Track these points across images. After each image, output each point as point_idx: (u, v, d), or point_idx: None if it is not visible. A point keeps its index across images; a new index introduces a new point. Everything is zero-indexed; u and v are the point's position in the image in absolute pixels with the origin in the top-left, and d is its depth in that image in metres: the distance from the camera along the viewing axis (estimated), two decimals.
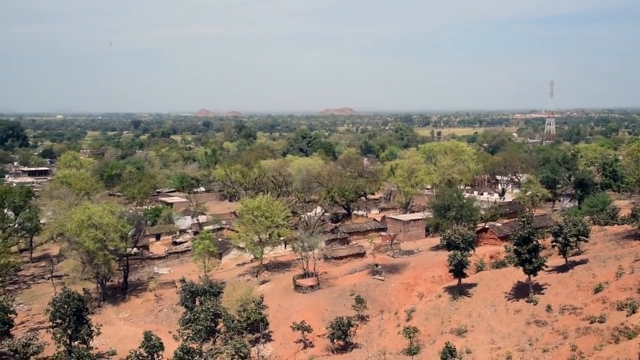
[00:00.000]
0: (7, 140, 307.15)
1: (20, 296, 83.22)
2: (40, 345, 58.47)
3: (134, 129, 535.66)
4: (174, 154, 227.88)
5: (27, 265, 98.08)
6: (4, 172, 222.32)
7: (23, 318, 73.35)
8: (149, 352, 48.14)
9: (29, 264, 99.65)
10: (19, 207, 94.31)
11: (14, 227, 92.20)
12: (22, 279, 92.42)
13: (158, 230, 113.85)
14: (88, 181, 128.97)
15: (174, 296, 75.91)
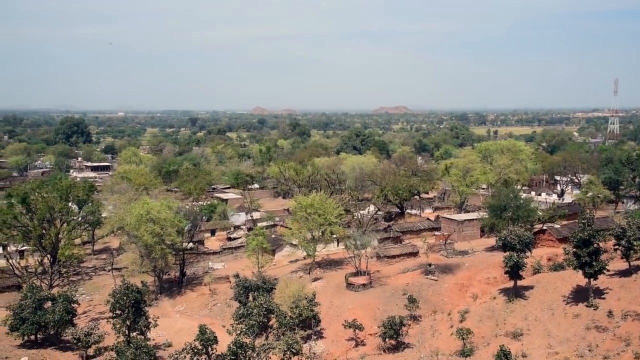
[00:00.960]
0: (72, 137, 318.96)
1: (83, 287, 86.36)
2: (100, 334, 60.53)
3: (191, 126, 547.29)
4: (230, 151, 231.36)
5: (89, 257, 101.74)
6: (68, 167, 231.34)
7: (85, 308, 75.98)
8: (203, 345, 49.04)
9: (91, 256, 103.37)
10: (83, 201, 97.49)
11: (78, 220, 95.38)
12: (85, 270, 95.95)
13: (213, 225, 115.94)
14: (147, 177, 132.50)
15: (228, 291, 77.13)
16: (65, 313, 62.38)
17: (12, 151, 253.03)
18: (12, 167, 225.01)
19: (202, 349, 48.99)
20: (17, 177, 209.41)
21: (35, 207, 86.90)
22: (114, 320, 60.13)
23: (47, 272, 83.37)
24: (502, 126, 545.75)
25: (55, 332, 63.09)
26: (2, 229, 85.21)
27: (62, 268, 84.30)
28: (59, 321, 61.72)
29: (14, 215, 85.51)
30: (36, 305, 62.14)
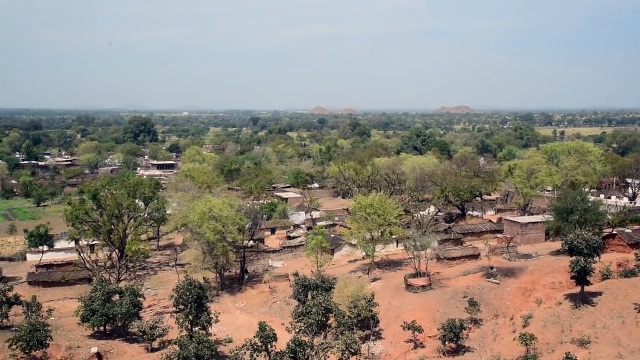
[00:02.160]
0: (139, 136, 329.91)
1: (148, 281, 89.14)
2: (165, 328, 62.34)
3: (252, 126, 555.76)
4: (290, 150, 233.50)
5: (154, 252, 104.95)
6: (136, 165, 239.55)
7: (150, 302, 78.36)
8: (263, 342, 49.65)
9: (156, 252, 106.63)
10: (148, 198, 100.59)
11: (144, 216, 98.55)
12: (150, 265, 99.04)
13: (273, 224, 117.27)
14: (210, 175, 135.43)
15: (287, 289, 77.88)
16: (131, 306, 64.54)
17: (84, 149, 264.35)
18: (84, 165, 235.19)
19: (262, 346, 49.59)
20: (89, 174, 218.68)
21: (104, 203, 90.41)
22: (177, 314, 61.72)
23: (115, 266, 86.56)
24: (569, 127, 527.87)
25: (123, 324, 65.41)
26: (75, 224, 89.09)
27: (129, 262, 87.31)
28: (126, 314, 63.95)
29: (85, 210, 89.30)
30: (105, 298, 64.61)
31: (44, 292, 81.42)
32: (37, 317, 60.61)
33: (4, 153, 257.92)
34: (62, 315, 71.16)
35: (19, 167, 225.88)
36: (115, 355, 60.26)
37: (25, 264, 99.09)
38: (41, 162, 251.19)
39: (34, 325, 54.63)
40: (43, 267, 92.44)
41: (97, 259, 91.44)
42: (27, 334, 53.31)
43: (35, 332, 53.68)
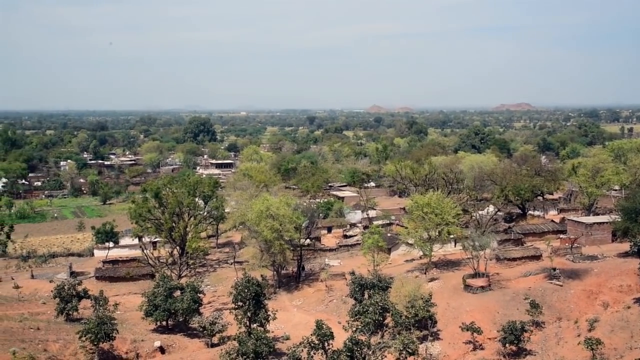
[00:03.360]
0: (198, 135, 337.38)
1: (207, 278, 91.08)
2: (224, 324, 63.62)
3: (309, 125, 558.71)
4: (346, 149, 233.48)
5: (213, 250, 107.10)
6: (195, 164, 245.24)
7: (210, 298, 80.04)
8: (320, 340, 49.97)
9: (215, 249, 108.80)
10: (208, 197, 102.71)
11: (204, 214, 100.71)
12: (209, 262, 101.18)
13: (329, 223, 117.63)
14: (267, 174, 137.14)
15: (343, 288, 78.01)
16: (192, 302, 66.17)
17: (147, 149, 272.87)
18: (146, 164, 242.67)
19: (319, 344, 49.91)
20: (151, 173, 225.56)
21: (166, 202, 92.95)
22: (236, 311, 62.88)
23: (177, 263, 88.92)
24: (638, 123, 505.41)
25: (184, 319, 67.18)
26: (138, 222, 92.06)
27: (189, 259, 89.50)
28: (187, 309, 65.64)
29: (148, 208, 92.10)
30: (167, 294, 66.51)
31: (110, 286, 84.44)
32: (104, 311, 62.98)
33: (73, 153, 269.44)
34: (127, 309, 73.76)
35: (87, 166, 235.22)
36: (177, 349, 61.91)
37: (93, 260, 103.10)
38: (107, 161, 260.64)
39: (101, 319, 56.81)
40: (109, 262, 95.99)
41: (159, 255, 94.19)
42: (95, 327, 55.50)
43: (102, 325, 55.83)
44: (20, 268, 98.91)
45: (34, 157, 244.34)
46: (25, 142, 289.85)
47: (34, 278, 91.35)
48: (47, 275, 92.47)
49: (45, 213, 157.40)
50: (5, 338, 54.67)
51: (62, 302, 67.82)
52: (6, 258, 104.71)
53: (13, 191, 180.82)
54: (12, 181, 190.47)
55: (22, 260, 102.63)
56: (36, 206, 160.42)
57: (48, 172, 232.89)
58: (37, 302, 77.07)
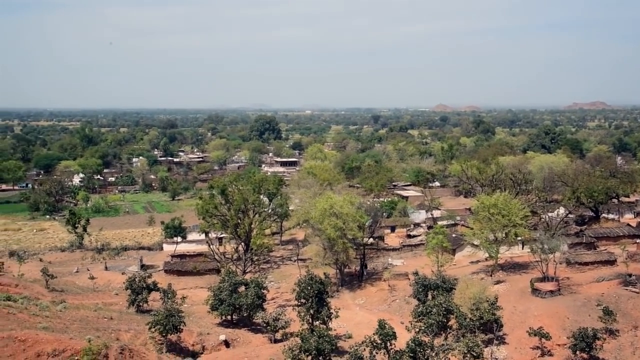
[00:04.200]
0: (264, 134, 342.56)
1: (271, 274, 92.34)
2: (287, 320, 64.30)
3: (373, 124, 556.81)
4: (411, 148, 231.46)
5: (277, 247, 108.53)
6: (261, 162, 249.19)
7: (273, 295, 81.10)
8: (382, 339, 49.74)
9: (279, 246, 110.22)
10: (272, 194, 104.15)
11: (268, 212, 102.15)
12: (273, 259, 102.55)
13: (393, 222, 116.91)
14: (331, 172, 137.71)
15: (406, 288, 77.35)
16: (256, 298, 67.26)
17: (214, 147, 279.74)
18: (213, 161, 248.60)
19: (381, 344, 49.71)
20: (218, 170, 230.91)
21: (232, 199, 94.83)
22: (299, 308, 63.45)
23: (241, 258, 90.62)
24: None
25: (248, 314, 68.35)
26: (205, 217, 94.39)
27: (254, 256, 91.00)
28: (251, 305, 66.78)
29: (214, 205, 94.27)
30: (232, 289, 67.89)
31: (178, 280, 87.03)
32: (172, 304, 64.95)
33: (144, 150, 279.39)
34: (193, 303, 75.82)
35: (157, 163, 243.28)
36: (242, 343, 63.08)
37: (162, 254, 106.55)
38: (176, 158, 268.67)
39: (169, 311, 58.61)
40: (177, 257, 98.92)
41: (225, 251, 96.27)
42: (164, 319, 57.32)
43: (171, 317, 57.58)
44: (95, 260, 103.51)
45: (108, 153, 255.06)
46: (101, 139, 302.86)
47: (108, 270, 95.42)
48: (119, 268, 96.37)
49: (119, 207, 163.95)
50: (82, 326, 57.32)
51: (133, 294, 70.49)
52: (83, 250, 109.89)
53: (89, 186, 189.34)
54: (89, 176, 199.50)
55: (97, 252, 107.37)
56: (110, 201, 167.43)
57: (121, 168, 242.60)
58: (110, 293, 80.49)
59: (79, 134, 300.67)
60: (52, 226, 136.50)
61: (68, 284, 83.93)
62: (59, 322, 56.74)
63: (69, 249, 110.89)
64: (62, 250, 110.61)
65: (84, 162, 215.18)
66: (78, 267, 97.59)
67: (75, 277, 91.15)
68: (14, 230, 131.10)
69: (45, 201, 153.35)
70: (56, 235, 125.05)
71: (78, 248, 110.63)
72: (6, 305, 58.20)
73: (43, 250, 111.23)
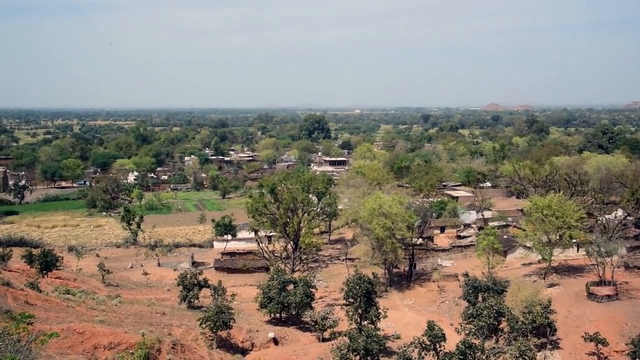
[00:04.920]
0: (313, 133, 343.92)
1: (319, 273, 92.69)
2: (335, 320, 64.39)
3: (423, 123, 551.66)
4: (461, 148, 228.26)
5: (325, 246, 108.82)
6: (310, 161, 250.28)
7: (322, 293, 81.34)
8: (431, 341, 49.18)
9: (327, 245, 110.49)
10: (321, 193, 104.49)
11: (317, 211, 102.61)
12: (322, 258, 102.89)
13: (443, 222, 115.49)
14: (380, 172, 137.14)
15: (456, 289, 76.29)
16: (305, 296, 67.60)
17: (263, 146, 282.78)
18: (263, 160, 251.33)
19: (430, 345, 49.16)
20: (267, 169, 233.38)
21: (281, 197, 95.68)
22: (347, 307, 63.42)
23: (290, 257, 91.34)
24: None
25: (296, 313, 68.80)
26: (255, 216, 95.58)
27: (302, 254, 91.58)
28: (299, 303, 67.18)
29: (264, 203, 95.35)
30: (281, 287, 68.46)
31: (228, 277, 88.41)
32: (222, 301, 65.99)
33: (196, 149, 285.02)
34: (243, 300, 76.85)
35: (208, 162, 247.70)
36: (290, 341, 63.53)
37: (212, 251, 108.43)
38: (226, 157, 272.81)
39: (220, 308, 59.56)
40: (227, 254, 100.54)
41: (274, 249, 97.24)
42: (214, 315, 58.29)
43: (221, 314, 58.50)
44: (148, 256, 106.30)
45: (161, 152, 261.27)
46: (155, 138, 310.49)
47: (160, 266, 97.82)
48: (171, 264, 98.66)
49: (171, 205, 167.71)
50: (136, 320, 58.90)
51: (185, 290, 71.98)
52: (137, 246, 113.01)
53: (143, 184, 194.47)
54: (143, 174, 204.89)
55: (150, 248, 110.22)
56: (163, 198, 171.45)
57: (174, 167, 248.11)
58: (163, 289, 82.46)
59: (134, 133, 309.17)
60: (108, 223, 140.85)
61: (123, 279, 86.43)
62: (114, 316, 58.48)
63: (124, 245, 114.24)
64: (117, 246, 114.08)
65: (139, 161, 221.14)
66: (132, 262, 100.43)
67: (130, 272, 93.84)
68: (73, 226, 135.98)
69: (101, 198, 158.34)
70: (112, 232, 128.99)
71: (132, 244, 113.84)
72: (66, 299, 60.42)
73: (99, 245, 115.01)
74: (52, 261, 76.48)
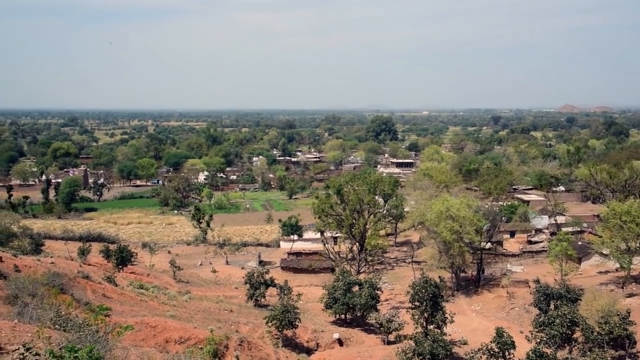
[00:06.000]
0: (380, 134, 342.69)
1: (385, 276, 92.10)
2: (400, 323, 63.77)
3: (493, 125, 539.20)
4: (533, 151, 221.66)
5: (391, 248, 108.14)
6: (376, 162, 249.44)
7: (387, 296, 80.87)
8: (500, 348, 47.92)
9: (393, 248, 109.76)
10: (388, 195, 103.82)
11: (383, 212, 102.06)
12: (387, 260, 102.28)
13: (513, 227, 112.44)
14: (448, 174, 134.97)
15: (526, 296, 74.04)
16: (370, 298, 67.36)
17: (330, 147, 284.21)
18: (330, 161, 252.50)
19: (499, 352, 47.91)
20: (334, 170, 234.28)
21: (347, 199, 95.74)
22: (412, 311, 62.68)
23: (356, 258, 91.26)
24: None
25: (362, 314, 68.66)
26: (321, 217, 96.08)
27: (368, 256, 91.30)
28: (364, 305, 67.00)
29: (330, 204, 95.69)
30: (346, 288, 68.49)
31: (293, 277, 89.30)
32: (288, 300, 66.72)
33: (264, 150, 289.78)
34: (308, 300, 77.44)
35: (276, 162, 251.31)
36: (355, 343, 63.48)
37: (279, 251, 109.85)
38: (294, 158, 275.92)
39: (286, 307, 60.22)
40: (293, 254, 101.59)
41: (339, 250, 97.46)
42: (280, 314, 59.00)
43: (287, 313, 59.14)
44: (216, 254, 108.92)
45: (230, 152, 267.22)
46: (224, 139, 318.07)
47: (228, 264, 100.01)
48: (239, 262, 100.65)
49: (239, 205, 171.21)
50: (205, 316, 60.44)
51: (252, 289, 73.25)
52: (206, 244, 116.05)
53: (213, 183, 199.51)
54: (212, 174, 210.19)
55: (219, 247, 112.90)
56: (231, 198, 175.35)
57: (242, 167, 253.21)
58: (230, 287, 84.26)
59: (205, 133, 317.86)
60: (179, 221, 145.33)
61: (192, 276, 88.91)
62: (185, 312, 60.23)
63: (194, 242, 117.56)
64: (187, 244, 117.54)
65: (209, 161, 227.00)
66: (201, 260, 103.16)
67: (199, 269, 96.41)
68: (146, 223, 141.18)
69: (173, 197, 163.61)
70: (182, 230, 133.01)
71: (202, 242, 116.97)
72: (139, 293, 62.77)
73: (171, 243, 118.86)
74: (127, 256, 79.68)
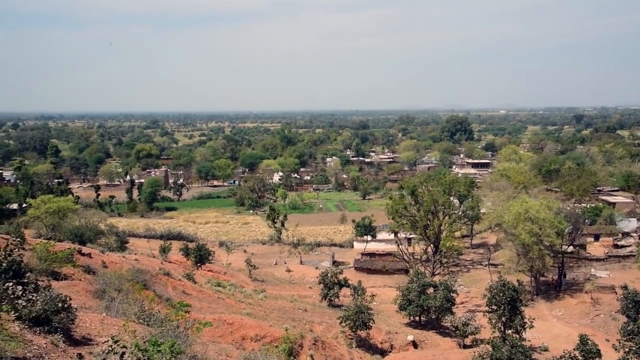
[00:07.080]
0: (455, 134, 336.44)
1: (460, 278, 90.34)
2: (477, 326, 62.31)
3: (575, 124, 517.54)
4: (620, 150, 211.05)
5: (467, 250, 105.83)
6: (451, 163, 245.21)
7: (462, 299, 79.20)
8: (584, 356, 45.94)
9: (469, 250, 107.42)
10: (463, 196, 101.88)
11: (458, 214, 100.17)
12: (463, 262, 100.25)
13: (597, 230, 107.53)
14: (526, 175, 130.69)
15: (613, 302, 70.50)
16: (445, 301, 66.22)
17: (404, 147, 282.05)
18: (403, 162, 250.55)
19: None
20: (408, 170, 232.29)
21: (422, 199, 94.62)
22: (489, 314, 61.11)
23: (430, 260, 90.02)
24: None
25: (436, 317, 67.64)
26: (395, 217, 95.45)
27: (443, 258, 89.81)
28: (439, 307, 65.95)
29: (404, 205, 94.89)
30: (420, 290, 67.64)
31: (367, 278, 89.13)
32: (362, 300, 66.65)
33: (337, 150, 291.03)
34: (382, 301, 77.05)
35: (349, 163, 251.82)
36: (429, 345, 62.63)
37: (352, 251, 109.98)
38: (367, 158, 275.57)
39: (359, 308, 60.20)
40: (367, 255, 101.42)
41: (413, 252, 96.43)
42: (354, 315, 59.05)
43: (360, 314, 59.11)
44: (291, 254, 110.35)
45: (304, 153, 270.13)
46: (298, 140, 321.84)
47: (302, 264, 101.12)
48: (312, 262, 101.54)
49: (313, 205, 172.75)
50: (279, 315, 61.38)
51: (326, 288, 73.66)
52: (281, 244, 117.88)
53: (287, 184, 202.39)
54: (287, 175, 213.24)
55: (293, 246, 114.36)
56: (305, 198, 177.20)
57: (316, 168, 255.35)
58: (305, 286, 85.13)
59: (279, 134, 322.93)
60: (254, 220, 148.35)
61: (267, 275, 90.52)
62: (260, 310, 61.39)
63: (269, 242, 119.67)
64: (262, 243, 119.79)
65: (283, 161, 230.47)
66: (276, 259, 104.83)
67: (274, 269, 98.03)
68: (223, 223, 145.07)
69: (249, 197, 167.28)
70: (258, 229, 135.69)
71: (276, 242, 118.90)
72: (217, 291, 64.58)
73: (247, 242, 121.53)
74: (205, 255, 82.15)
